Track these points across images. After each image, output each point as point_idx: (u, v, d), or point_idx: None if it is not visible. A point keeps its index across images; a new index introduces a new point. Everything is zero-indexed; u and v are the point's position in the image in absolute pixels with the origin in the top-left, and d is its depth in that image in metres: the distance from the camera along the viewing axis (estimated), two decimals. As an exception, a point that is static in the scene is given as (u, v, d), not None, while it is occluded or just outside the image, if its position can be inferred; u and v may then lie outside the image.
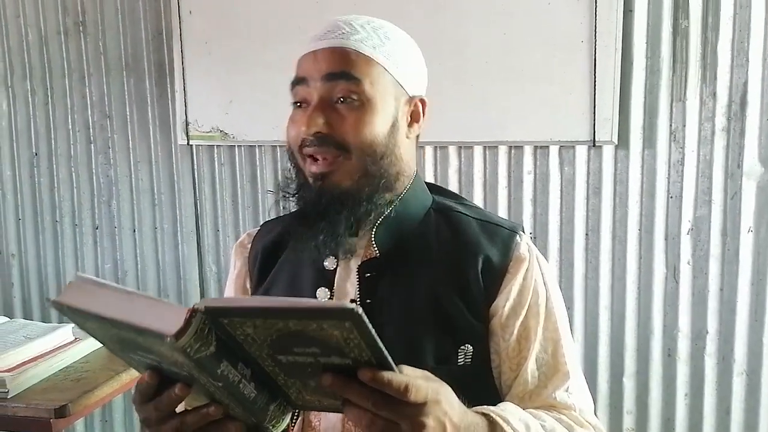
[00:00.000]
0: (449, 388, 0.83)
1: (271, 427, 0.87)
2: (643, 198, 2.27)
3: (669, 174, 2.24)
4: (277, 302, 0.74)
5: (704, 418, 2.29)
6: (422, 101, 1.12)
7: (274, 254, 1.16)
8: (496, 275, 1.05)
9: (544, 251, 2.34)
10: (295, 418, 1.06)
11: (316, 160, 1.03)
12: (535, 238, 2.36)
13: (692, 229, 2.24)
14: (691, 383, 2.30)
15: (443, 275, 1.05)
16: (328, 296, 1.07)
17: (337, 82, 1.02)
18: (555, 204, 2.34)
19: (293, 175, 1.08)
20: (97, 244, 2.80)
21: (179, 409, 0.84)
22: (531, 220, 2.36)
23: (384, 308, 1.04)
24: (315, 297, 1.08)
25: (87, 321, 0.82)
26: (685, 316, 2.28)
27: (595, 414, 2.40)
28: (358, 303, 1.05)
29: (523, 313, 1.04)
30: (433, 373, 0.99)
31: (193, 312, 0.73)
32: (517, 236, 1.09)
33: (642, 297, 2.31)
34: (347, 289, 1.07)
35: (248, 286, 1.19)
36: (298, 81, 1.05)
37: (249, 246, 1.20)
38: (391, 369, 0.76)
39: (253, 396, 0.81)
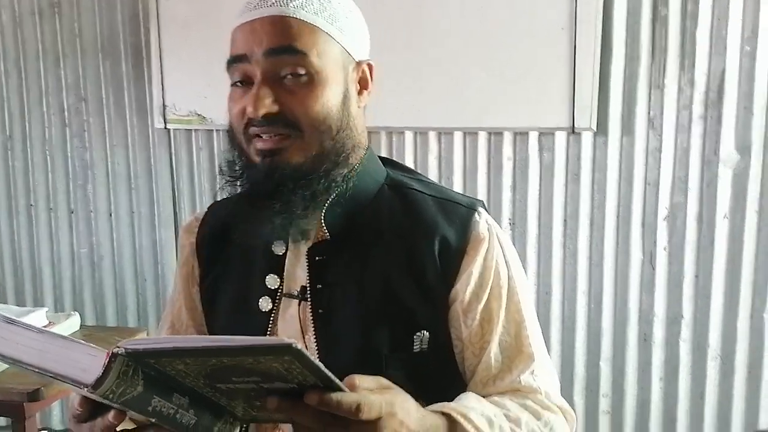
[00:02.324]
0: (404, 395, 0.80)
1: None
2: (620, 185, 2.28)
3: (647, 161, 2.25)
4: (206, 342, 0.68)
5: (679, 401, 2.33)
6: (369, 66, 1.02)
7: (222, 239, 1.08)
8: (453, 257, 0.99)
9: (523, 237, 2.35)
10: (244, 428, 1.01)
11: (261, 137, 0.95)
12: (514, 224, 2.37)
13: (669, 216, 2.27)
14: (666, 367, 2.33)
15: (398, 257, 0.99)
16: (278, 283, 1.02)
17: (280, 57, 0.93)
18: (534, 190, 2.35)
19: (235, 158, 0.99)
20: (73, 229, 2.77)
21: (120, 427, 0.79)
22: (510, 206, 2.37)
23: (336, 294, 0.99)
24: (264, 284, 1.02)
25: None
26: (660, 302, 2.31)
27: (572, 397, 2.42)
28: (308, 288, 1.00)
29: (485, 296, 0.99)
30: (388, 360, 0.97)
31: (113, 356, 0.67)
32: (476, 214, 1.02)
33: (619, 282, 2.33)
34: (297, 274, 1.01)
35: (196, 274, 1.11)
36: (237, 59, 0.96)
37: (196, 231, 1.12)
38: (339, 389, 0.72)
39: (193, 422, 0.77)
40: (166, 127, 2.57)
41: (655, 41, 2.19)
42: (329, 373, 0.70)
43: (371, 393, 0.75)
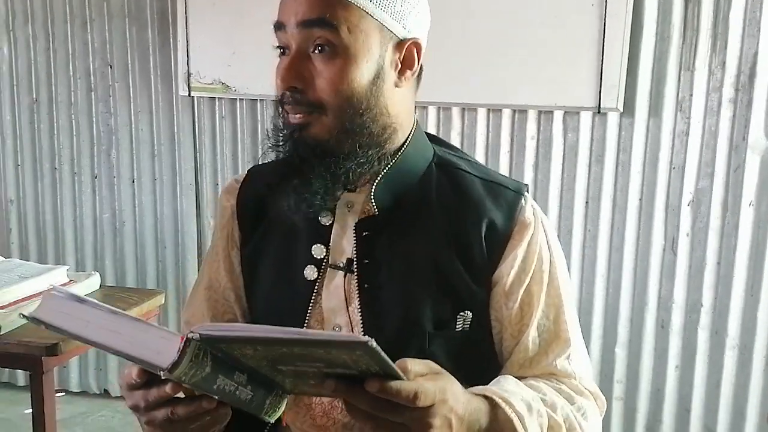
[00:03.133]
0: (453, 380, 0.82)
1: (267, 418, 0.85)
2: (645, 167, 2.25)
3: (673, 144, 2.21)
4: (282, 333, 0.70)
5: (694, 390, 2.30)
6: (416, 44, 1.00)
7: (263, 204, 1.08)
8: (499, 241, 1.01)
9: (543, 217, 2.33)
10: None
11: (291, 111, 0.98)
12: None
13: (693, 201, 2.23)
14: (683, 355, 2.30)
15: (445, 237, 1.01)
16: (324, 253, 1.03)
17: (311, 30, 0.94)
18: (557, 170, 2.32)
19: (280, 124, 1.01)
20: (96, 193, 2.79)
21: None
22: (532, 186, 2.34)
23: (382, 269, 1.01)
24: (311, 253, 1.03)
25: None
26: (680, 289, 2.27)
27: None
28: (355, 262, 1.01)
29: (527, 280, 1.01)
30: (431, 338, 0.98)
31: (187, 341, 0.70)
32: (522, 199, 1.04)
33: (639, 267, 2.30)
34: (344, 246, 1.03)
35: (236, 237, 1.11)
36: (277, 26, 0.98)
37: (237, 193, 1.12)
38: (397, 377, 0.74)
39: (249, 397, 0.80)
40: (190, 95, 2.58)
41: (687, 21, 2.14)
42: (394, 366, 0.72)
43: (426, 380, 0.78)
